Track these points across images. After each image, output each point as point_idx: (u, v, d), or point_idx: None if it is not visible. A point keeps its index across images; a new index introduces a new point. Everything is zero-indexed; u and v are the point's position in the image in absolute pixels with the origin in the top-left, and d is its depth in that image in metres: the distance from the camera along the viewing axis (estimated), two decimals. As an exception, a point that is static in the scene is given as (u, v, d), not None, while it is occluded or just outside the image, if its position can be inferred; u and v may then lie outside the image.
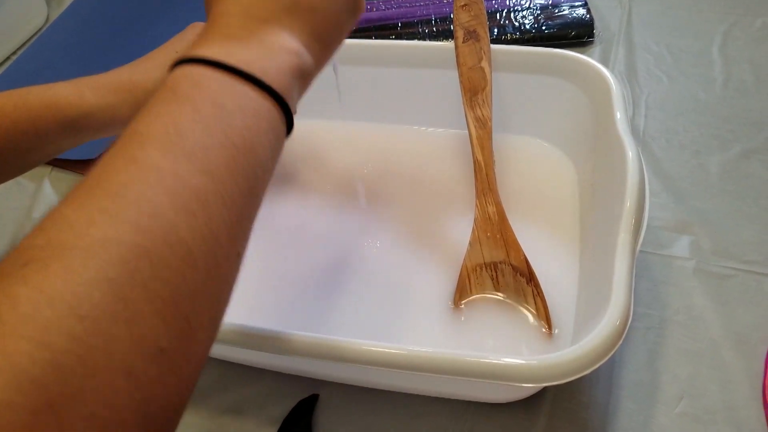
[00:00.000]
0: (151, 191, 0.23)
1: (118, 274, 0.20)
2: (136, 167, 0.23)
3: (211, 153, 0.25)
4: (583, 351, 0.35)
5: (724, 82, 0.67)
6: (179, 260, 0.22)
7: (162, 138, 0.24)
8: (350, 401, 0.46)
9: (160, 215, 0.22)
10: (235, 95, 0.27)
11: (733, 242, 0.53)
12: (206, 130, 0.25)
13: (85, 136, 0.45)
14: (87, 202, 0.22)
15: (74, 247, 0.20)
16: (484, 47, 0.55)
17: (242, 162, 0.26)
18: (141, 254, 0.21)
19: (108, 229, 0.21)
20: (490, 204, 0.50)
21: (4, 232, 0.61)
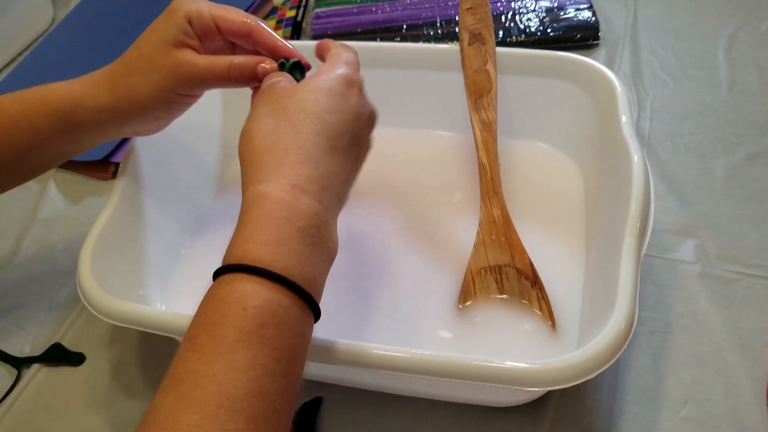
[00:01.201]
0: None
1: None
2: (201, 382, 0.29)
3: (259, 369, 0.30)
4: (588, 354, 0.35)
5: (730, 86, 0.67)
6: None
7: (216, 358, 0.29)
8: (354, 404, 0.46)
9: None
10: (283, 310, 0.31)
11: (738, 246, 0.53)
12: (258, 347, 0.30)
13: (82, 136, 0.45)
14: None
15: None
16: (490, 50, 0.55)
17: (287, 368, 0.31)
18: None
19: None
20: (494, 207, 0.50)
21: (10, 233, 0.61)
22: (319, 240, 0.34)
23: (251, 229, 0.33)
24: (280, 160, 0.35)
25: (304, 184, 0.34)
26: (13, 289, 0.56)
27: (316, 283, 0.34)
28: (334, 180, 0.36)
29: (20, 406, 0.48)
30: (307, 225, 0.33)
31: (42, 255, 0.59)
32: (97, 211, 0.47)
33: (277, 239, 0.32)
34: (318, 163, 0.36)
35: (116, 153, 0.66)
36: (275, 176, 0.35)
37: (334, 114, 0.37)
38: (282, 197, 0.34)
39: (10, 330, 0.53)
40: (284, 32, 0.80)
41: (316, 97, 0.38)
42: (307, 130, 0.36)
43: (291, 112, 0.37)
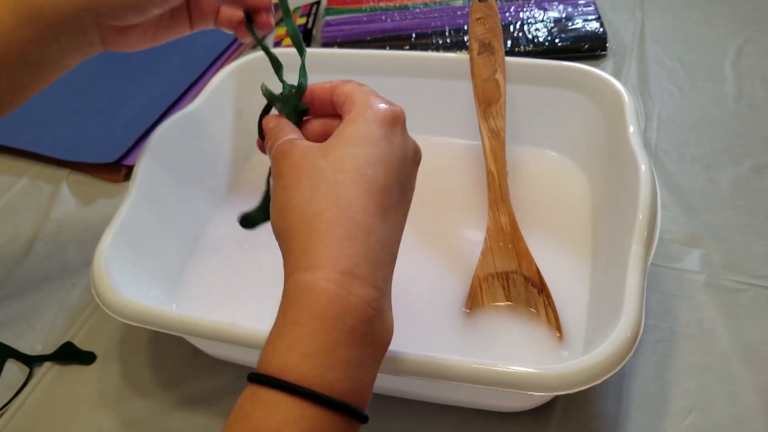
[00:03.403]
0: None
1: None
2: None
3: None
4: (594, 361, 0.35)
5: (737, 98, 0.67)
6: None
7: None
8: (361, 407, 0.46)
9: None
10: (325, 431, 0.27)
11: (743, 257, 0.53)
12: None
13: (46, 40, 0.41)
14: None
15: None
16: (499, 59, 0.55)
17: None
18: None
19: None
20: (502, 214, 0.51)
21: (23, 233, 0.62)
22: (372, 336, 0.29)
23: (295, 334, 0.28)
24: (325, 239, 0.30)
25: (355, 267, 0.29)
26: (26, 288, 0.57)
27: (365, 389, 0.30)
28: (387, 247, 0.31)
29: (31, 404, 0.49)
30: (360, 322, 0.29)
31: (54, 255, 0.60)
32: (109, 213, 0.48)
33: (323, 348, 0.28)
34: (369, 233, 0.30)
35: (128, 156, 0.66)
36: (321, 261, 0.29)
37: (379, 166, 0.32)
38: (331, 291, 0.28)
39: (22, 329, 0.54)
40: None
41: (353, 151, 0.32)
42: (351, 194, 0.31)
43: (328, 175, 0.31)
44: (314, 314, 0.28)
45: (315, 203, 0.31)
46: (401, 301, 0.50)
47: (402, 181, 0.33)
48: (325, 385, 0.27)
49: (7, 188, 0.67)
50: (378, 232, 0.31)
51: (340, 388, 0.28)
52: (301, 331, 0.28)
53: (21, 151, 0.70)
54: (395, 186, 0.32)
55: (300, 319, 0.28)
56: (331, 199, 0.30)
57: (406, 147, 0.34)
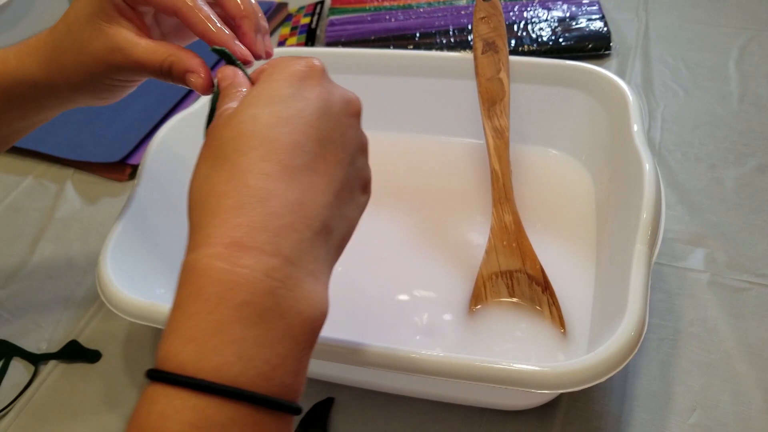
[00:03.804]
0: None
1: None
2: None
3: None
4: (598, 359, 0.35)
5: (740, 97, 0.67)
6: None
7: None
8: (365, 405, 0.46)
9: None
10: (220, 428, 0.24)
11: (747, 256, 0.53)
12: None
13: (29, 111, 0.43)
14: None
15: None
16: (503, 59, 0.55)
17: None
18: None
19: None
20: (506, 213, 0.51)
21: (28, 232, 0.62)
22: (278, 309, 0.26)
23: (176, 318, 0.26)
24: (214, 213, 0.27)
25: (245, 237, 0.26)
26: (31, 287, 0.57)
27: (280, 372, 0.25)
28: (299, 211, 0.27)
29: (37, 402, 0.49)
30: (254, 296, 0.25)
31: (59, 254, 0.60)
32: (114, 212, 0.48)
33: (206, 329, 0.25)
34: (266, 198, 0.27)
35: (133, 155, 0.67)
36: (206, 237, 0.26)
37: (283, 125, 0.29)
38: (213, 266, 0.26)
39: (28, 327, 0.54)
40: (298, 39, 0.81)
41: (253, 113, 0.29)
42: (247, 160, 0.28)
43: (226, 145, 0.29)
44: (195, 294, 0.25)
45: (210, 179, 0.28)
46: (405, 300, 0.50)
47: (322, 137, 0.29)
48: (209, 370, 0.24)
49: (13, 187, 0.67)
50: (282, 195, 0.27)
51: (231, 373, 0.24)
52: (181, 315, 0.25)
53: (26, 150, 0.70)
54: (309, 143, 0.29)
55: (181, 301, 0.26)
56: (224, 170, 0.28)
57: (326, 99, 0.30)
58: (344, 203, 0.31)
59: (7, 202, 0.66)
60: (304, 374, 0.27)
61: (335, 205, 0.29)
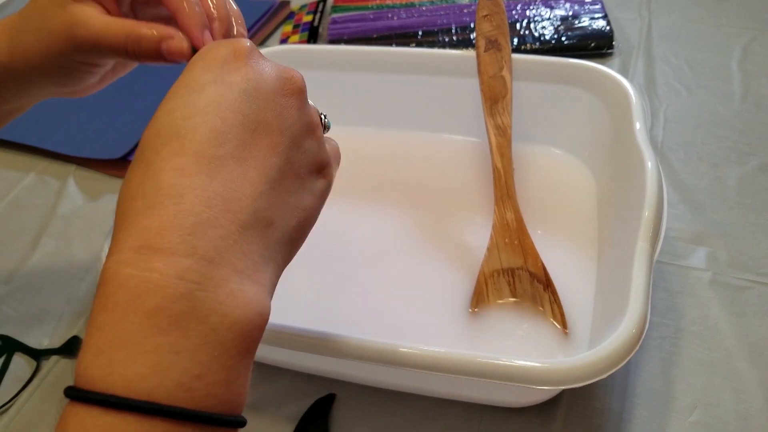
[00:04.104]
0: None
1: None
2: None
3: None
4: (599, 355, 0.35)
5: (743, 96, 0.67)
6: None
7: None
8: (366, 401, 0.46)
9: None
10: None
11: (749, 255, 0.53)
12: None
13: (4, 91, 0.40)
14: None
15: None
16: (505, 56, 0.56)
17: None
18: None
19: None
20: (508, 210, 0.51)
21: (29, 228, 0.62)
22: (196, 313, 0.23)
23: (88, 330, 0.24)
24: (125, 215, 0.25)
25: (156, 238, 0.24)
26: (33, 283, 0.57)
27: (203, 382, 0.23)
28: (223, 205, 0.25)
29: (38, 397, 0.49)
30: (165, 300, 0.23)
31: (61, 250, 0.60)
32: (115, 209, 0.48)
33: (113, 340, 0.23)
34: (181, 194, 0.25)
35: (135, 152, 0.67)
36: (116, 244, 0.25)
37: (201, 114, 0.26)
38: (120, 273, 0.24)
39: (30, 323, 0.54)
40: (301, 37, 0.81)
41: (170, 105, 0.27)
42: (160, 157, 0.26)
43: (146, 144, 0.27)
44: (102, 304, 0.23)
45: (126, 182, 0.26)
46: (407, 297, 0.50)
47: (250, 121, 0.27)
48: (119, 384, 0.22)
49: (15, 184, 0.67)
50: (199, 190, 0.25)
51: (144, 386, 0.22)
52: (91, 327, 0.24)
53: (28, 146, 0.70)
54: (233, 130, 0.26)
55: (93, 314, 0.24)
56: (138, 171, 0.26)
57: (253, 80, 0.28)
58: (288, 191, 0.28)
59: (9, 198, 0.66)
60: (242, 383, 0.25)
61: (272, 195, 0.27)
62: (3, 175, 0.68)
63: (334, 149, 0.35)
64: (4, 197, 0.66)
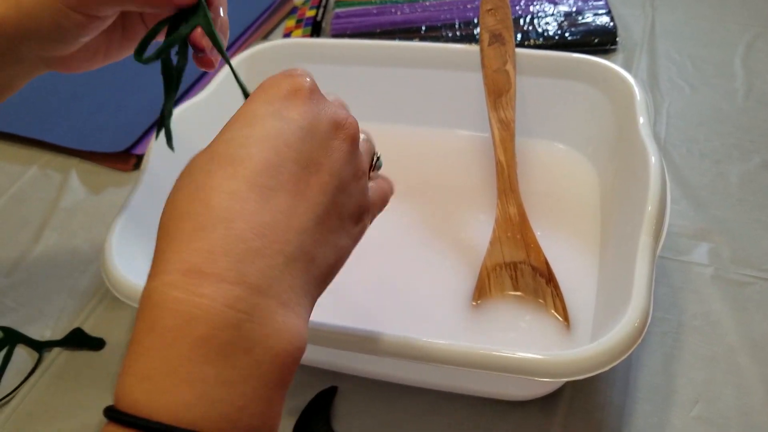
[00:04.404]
0: None
1: None
2: None
3: None
4: (602, 348, 0.35)
5: (746, 93, 0.67)
6: None
7: None
8: (368, 394, 0.46)
9: None
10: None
11: (751, 251, 0.53)
12: None
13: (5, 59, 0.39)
14: None
15: None
16: (509, 51, 0.55)
17: None
18: None
19: None
20: (511, 205, 0.51)
21: (32, 221, 0.62)
22: (243, 344, 0.23)
23: (132, 353, 0.23)
24: (173, 237, 0.25)
25: (205, 263, 0.24)
26: (35, 275, 0.58)
27: (246, 413, 0.23)
28: (273, 236, 0.25)
29: (40, 389, 0.49)
30: (215, 329, 0.23)
31: (63, 243, 0.60)
32: (118, 202, 0.48)
33: (162, 366, 0.23)
34: (231, 219, 0.24)
35: (138, 145, 0.67)
36: (164, 264, 0.24)
37: (257, 144, 0.27)
38: (169, 296, 0.23)
39: (32, 315, 0.54)
40: (304, 31, 0.81)
41: (228, 136, 0.28)
42: (213, 181, 0.26)
43: (197, 167, 0.27)
44: (149, 328, 0.23)
45: (174, 201, 0.26)
46: (410, 290, 0.50)
47: (304, 158, 0.27)
48: (164, 411, 0.22)
49: (17, 177, 0.67)
50: (250, 217, 0.25)
51: (190, 415, 0.22)
52: (136, 350, 0.23)
53: (31, 139, 0.70)
54: (287, 164, 0.27)
55: (137, 335, 0.23)
56: (188, 190, 0.26)
57: (311, 119, 0.28)
58: (330, 231, 0.28)
59: (11, 191, 0.66)
60: (276, 417, 0.25)
61: (317, 231, 0.27)
62: (5, 169, 0.68)
63: (382, 191, 0.35)
64: (6, 190, 0.66)
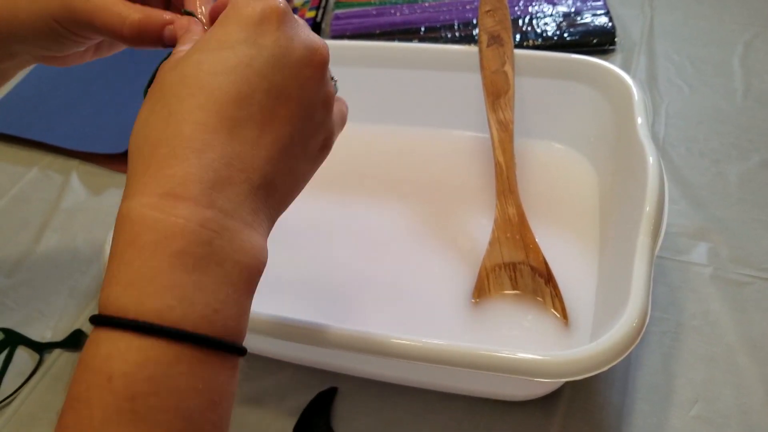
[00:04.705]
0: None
1: None
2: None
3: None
4: (600, 348, 0.35)
5: (745, 93, 0.67)
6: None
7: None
8: (368, 395, 0.47)
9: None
10: (165, 369, 0.24)
11: (750, 250, 0.53)
12: (133, 427, 0.24)
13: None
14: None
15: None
16: (508, 52, 0.56)
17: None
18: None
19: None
20: (510, 205, 0.51)
21: (33, 222, 0.62)
22: (215, 258, 0.26)
23: (114, 266, 0.26)
24: (148, 162, 0.27)
25: (178, 186, 0.26)
26: (36, 276, 0.58)
27: (221, 315, 0.26)
28: (239, 165, 0.27)
29: (41, 390, 0.49)
30: (189, 244, 0.25)
31: (64, 244, 0.60)
32: (118, 203, 0.48)
33: (145, 275, 0.25)
34: (202, 150, 0.27)
35: (138, 147, 0.67)
36: (140, 186, 0.26)
37: (229, 73, 0.28)
38: (147, 215, 0.26)
39: (33, 316, 0.54)
40: (304, 32, 0.81)
41: (199, 58, 0.28)
42: (185, 108, 0.27)
43: (168, 89, 0.28)
44: (130, 242, 0.25)
45: (148, 126, 0.28)
46: (410, 291, 0.50)
47: (274, 89, 0.28)
48: (150, 313, 0.24)
49: (18, 178, 0.67)
50: (219, 147, 0.27)
51: (173, 316, 0.25)
52: (119, 263, 0.26)
53: (32, 141, 0.70)
54: (257, 95, 0.28)
55: (118, 250, 0.26)
56: (161, 117, 0.28)
57: (284, 46, 0.29)
58: (293, 158, 0.30)
59: (12, 192, 0.66)
60: (245, 319, 0.28)
61: (281, 161, 0.29)
62: (7, 170, 0.69)
63: (341, 113, 0.35)
64: (7, 191, 0.66)
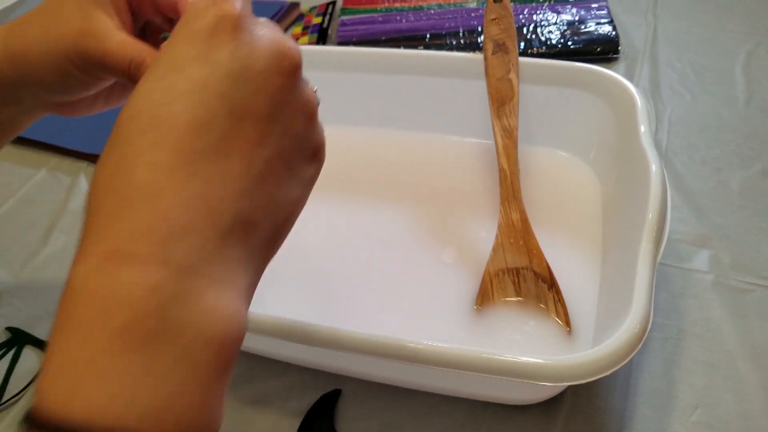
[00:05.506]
0: None
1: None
2: None
3: None
4: (603, 353, 0.36)
5: (747, 101, 0.68)
6: None
7: None
8: (371, 397, 0.47)
9: None
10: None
11: (752, 258, 0.53)
12: None
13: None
14: None
15: None
16: (513, 59, 0.56)
17: None
18: None
19: None
20: (514, 211, 0.52)
21: (41, 223, 0.63)
22: (170, 331, 0.21)
23: (50, 347, 0.21)
24: (94, 215, 0.22)
25: (125, 244, 0.21)
26: (43, 277, 0.58)
27: (176, 405, 0.20)
28: (203, 207, 0.22)
29: (49, 389, 0.50)
30: (135, 317, 0.20)
31: (72, 245, 0.61)
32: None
33: (78, 359, 0.20)
34: (156, 195, 0.22)
35: (145, 150, 0.68)
36: (84, 245, 0.22)
37: (180, 100, 0.23)
38: (85, 284, 0.21)
39: (41, 316, 0.55)
40: (310, 38, 0.82)
41: (148, 86, 0.24)
42: (134, 148, 0.23)
43: (120, 128, 0.24)
44: (66, 318, 0.21)
45: (102, 174, 0.23)
46: (413, 295, 0.51)
47: (237, 108, 0.24)
48: (79, 412, 0.19)
49: (27, 179, 0.68)
50: (177, 190, 0.22)
51: (111, 413, 0.19)
52: (53, 343, 0.21)
53: (40, 143, 0.71)
54: (216, 119, 0.23)
55: (56, 326, 0.21)
56: (113, 163, 0.23)
57: (242, 58, 0.24)
58: (276, 185, 0.25)
59: (20, 194, 0.67)
60: (216, 406, 0.22)
61: (258, 192, 0.24)
62: (15, 171, 0.69)
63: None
64: (15, 193, 0.67)
